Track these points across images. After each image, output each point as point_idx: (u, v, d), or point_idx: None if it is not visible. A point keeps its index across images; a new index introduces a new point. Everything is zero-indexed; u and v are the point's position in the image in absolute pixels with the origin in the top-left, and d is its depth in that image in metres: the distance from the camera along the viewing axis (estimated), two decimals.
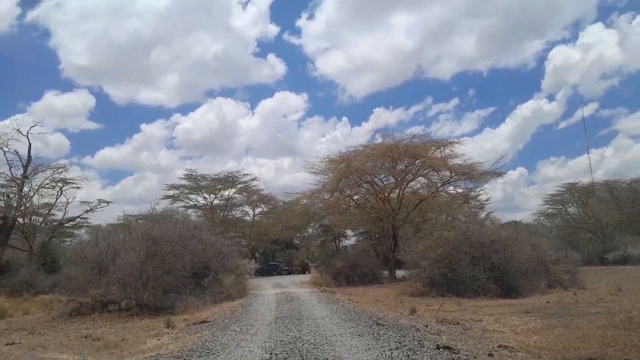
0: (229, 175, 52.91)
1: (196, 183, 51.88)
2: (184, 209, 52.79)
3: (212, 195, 53.10)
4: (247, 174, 54.03)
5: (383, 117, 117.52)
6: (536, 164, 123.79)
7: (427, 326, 11.98)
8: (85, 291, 20.51)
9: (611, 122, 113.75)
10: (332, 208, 39.29)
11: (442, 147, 34.62)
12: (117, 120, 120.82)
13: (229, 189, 53.39)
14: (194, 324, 14.46)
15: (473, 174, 35.38)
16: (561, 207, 64.85)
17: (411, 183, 37.95)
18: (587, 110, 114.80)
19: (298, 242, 68.73)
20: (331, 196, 35.40)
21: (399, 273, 36.24)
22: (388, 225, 36.87)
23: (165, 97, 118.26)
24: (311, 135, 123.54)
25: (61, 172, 33.44)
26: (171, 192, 51.65)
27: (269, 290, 26.05)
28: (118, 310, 20.10)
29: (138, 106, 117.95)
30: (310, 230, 67.20)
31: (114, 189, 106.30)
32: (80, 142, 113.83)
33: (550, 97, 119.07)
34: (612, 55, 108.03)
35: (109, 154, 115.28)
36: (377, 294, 25.30)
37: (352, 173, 34.21)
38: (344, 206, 39.68)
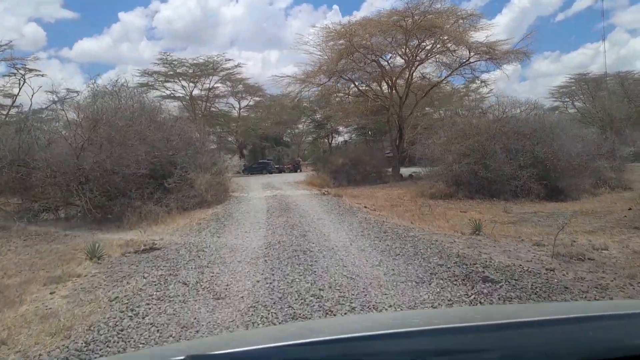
0: (209, 60, 45.12)
1: (172, 69, 44.22)
2: (159, 99, 45.64)
3: (191, 84, 45.68)
4: (229, 59, 46.22)
5: (376, 4, 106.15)
6: (530, 58, 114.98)
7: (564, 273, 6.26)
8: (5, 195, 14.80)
9: (609, 15, 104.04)
10: (329, 96, 32.65)
11: (464, 19, 27.37)
12: (93, 8, 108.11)
13: (210, 77, 45.91)
14: (136, 252, 8.78)
15: (496, 53, 28.62)
16: (568, 100, 58.63)
17: (420, 66, 31.08)
18: (585, 1, 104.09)
19: (288, 139, 62.74)
20: (329, 80, 28.68)
21: (404, 171, 31.16)
22: (394, 116, 30.70)
23: None
24: (299, 25, 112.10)
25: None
26: (144, 80, 44.18)
27: (257, 193, 20.39)
28: (55, 220, 14.50)
29: None
30: (301, 126, 61.02)
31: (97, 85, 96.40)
32: (57, 33, 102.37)
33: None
34: None
35: (87, 46, 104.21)
36: (389, 197, 20.00)
37: (354, 51, 27.20)
38: (341, 94, 33.05)
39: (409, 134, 31.12)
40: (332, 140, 57.90)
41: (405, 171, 31.30)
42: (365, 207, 14.54)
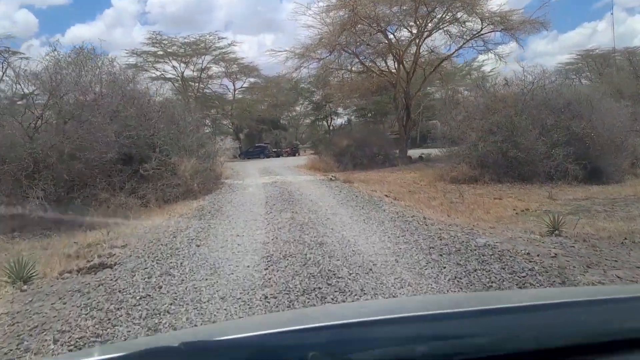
0: (201, 38, 41.67)
1: (162, 49, 40.77)
2: (149, 80, 42.39)
3: (182, 64, 42.30)
4: (222, 38, 42.71)
5: None
6: (527, 38, 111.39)
7: None
8: None
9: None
10: (328, 75, 29.47)
11: None
12: None
13: (203, 57, 42.49)
14: (79, 270, 6.01)
15: (511, 24, 25.56)
16: (574, 77, 55.41)
17: (427, 39, 27.87)
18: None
19: (285, 122, 59.50)
20: (330, 54, 25.55)
21: (411, 153, 28.47)
22: (400, 93, 27.72)
23: None
24: (295, 7, 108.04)
25: None
26: (133, 60, 40.79)
27: (254, 179, 17.51)
28: (4, 218, 11.68)
29: None
30: (298, 108, 57.74)
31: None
32: (49, 19, 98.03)
33: None
34: None
35: (80, 32, 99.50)
36: (403, 182, 17.36)
37: (358, 22, 24.08)
38: (342, 71, 29.86)
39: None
40: (331, 122, 54.78)
41: (412, 153, 28.56)
42: (387, 195, 11.73)
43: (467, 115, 18.15)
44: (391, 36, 26.82)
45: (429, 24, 25.50)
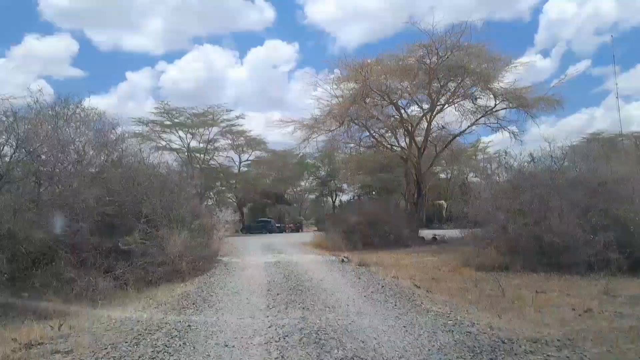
0: (209, 110, 41.07)
1: (170, 119, 40.08)
2: (154, 149, 41.33)
3: (189, 135, 41.43)
4: (230, 110, 42.19)
5: None
6: (525, 123, 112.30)
7: None
8: None
9: (603, 80, 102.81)
10: (334, 151, 28.11)
11: (493, 62, 23.25)
12: (101, 67, 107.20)
13: (210, 128, 41.73)
14: None
15: (527, 101, 24.40)
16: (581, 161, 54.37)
17: (438, 116, 26.72)
18: (580, 67, 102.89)
19: (289, 197, 57.92)
20: (340, 125, 24.22)
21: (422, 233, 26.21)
22: (411, 169, 26.14)
23: (150, 44, 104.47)
24: (302, 87, 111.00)
25: None
26: (139, 129, 39.99)
27: (255, 258, 15.29)
28: None
29: (122, 53, 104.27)
30: (303, 183, 56.50)
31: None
32: (65, 90, 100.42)
33: (544, 53, 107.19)
34: (608, 9, 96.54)
35: (94, 104, 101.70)
36: (423, 266, 15.17)
37: (368, 95, 23.02)
38: (351, 145, 28.51)
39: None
40: (335, 198, 53.20)
41: (423, 233, 26.38)
42: (417, 285, 9.53)
43: (493, 193, 16.30)
44: (402, 110, 25.80)
45: (442, 99, 24.46)
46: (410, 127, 24.86)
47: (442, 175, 51.62)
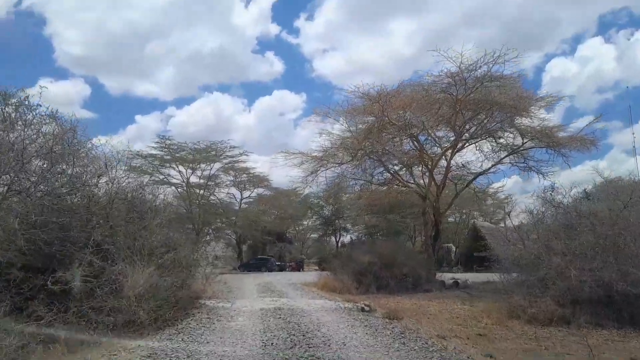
0: (212, 145, 38.32)
1: (170, 153, 37.21)
2: (152, 183, 38.24)
3: (189, 170, 38.37)
4: (234, 147, 39.36)
5: None
6: (530, 173, 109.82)
7: None
8: None
9: (607, 135, 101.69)
10: (346, 181, 24.83)
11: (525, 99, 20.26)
12: (111, 110, 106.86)
13: (212, 164, 38.77)
14: None
15: (558, 140, 21.42)
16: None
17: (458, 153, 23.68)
18: (583, 121, 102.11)
19: (291, 236, 54.34)
20: (352, 159, 21.18)
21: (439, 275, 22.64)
22: (430, 208, 22.87)
23: (160, 91, 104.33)
24: (307, 134, 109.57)
25: None
26: (138, 163, 37.06)
27: (249, 302, 11.80)
28: None
29: (133, 98, 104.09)
30: (306, 222, 53.05)
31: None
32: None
33: (548, 109, 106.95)
34: (609, 69, 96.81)
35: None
36: (457, 317, 11.84)
37: (385, 126, 20.09)
38: (362, 182, 25.32)
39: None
40: (339, 238, 49.61)
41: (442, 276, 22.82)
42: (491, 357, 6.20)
43: (540, 235, 13.09)
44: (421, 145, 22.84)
45: (466, 134, 21.50)
46: (430, 163, 21.76)
47: (450, 219, 48.38)
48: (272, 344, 6.27)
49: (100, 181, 8.61)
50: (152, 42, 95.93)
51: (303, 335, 6.68)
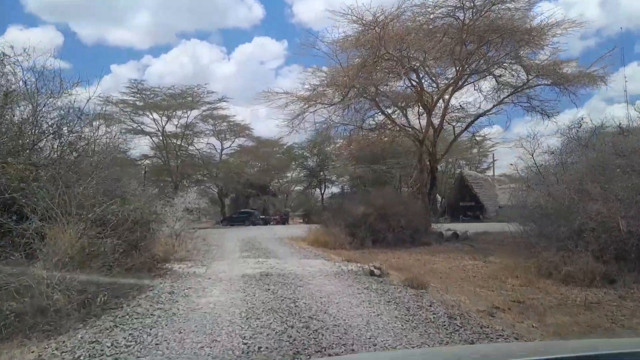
0: (188, 90, 34.81)
1: (143, 99, 33.71)
2: (124, 132, 34.92)
3: (164, 117, 35.03)
4: (212, 92, 35.94)
5: None
6: (512, 122, 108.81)
7: None
8: None
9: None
10: (333, 126, 22.07)
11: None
12: (85, 59, 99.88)
13: (189, 111, 35.44)
14: None
15: (566, 76, 19.14)
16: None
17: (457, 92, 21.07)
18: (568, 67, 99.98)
19: (275, 188, 51.93)
20: (344, 97, 18.47)
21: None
22: (426, 154, 20.61)
23: (135, 38, 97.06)
24: (289, 84, 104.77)
25: None
26: (108, 109, 33.49)
27: (228, 265, 9.39)
28: None
29: (107, 47, 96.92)
30: (290, 174, 50.58)
31: None
32: (47, 80, 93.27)
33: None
34: (593, 15, 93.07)
35: (77, 95, 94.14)
36: (473, 275, 9.94)
37: (381, 58, 17.33)
38: (351, 128, 22.63)
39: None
40: (324, 190, 47.55)
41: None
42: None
43: (574, 176, 10.90)
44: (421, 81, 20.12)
45: (467, 69, 18.86)
46: (430, 103, 19.17)
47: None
48: (260, 331, 3.94)
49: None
50: None
51: (306, 326, 4.34)
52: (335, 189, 48.14)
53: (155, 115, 34.56)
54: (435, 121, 20.41)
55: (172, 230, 9.05)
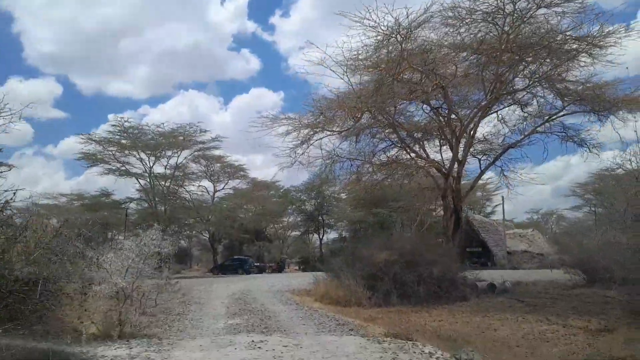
0: (178, 129, 31.39)
1: (129, 138, 30.21)
2: (106, 172, 31.20)
3: (151, 157, 31.35)
4: (205, 130, 32.54)
5: None
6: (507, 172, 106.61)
7: None
8: None
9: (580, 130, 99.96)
10: (336, 161, 18.52)
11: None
12: (83, 109, 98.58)
13: (179, 150, 31.86)
14: None
15: (607, 101, 16.04)
16: (593, 197, 45.09)
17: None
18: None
19: (270, 234, 47.81)
20: (358, 121, 15.06)
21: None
22: (449, 192, 17.11)
23: (134, 89, 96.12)
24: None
25: None
26: (91, 148, 30.02)
27: (200, 353, 5.68)
28: None
29: (106, 97, 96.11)
30: (286, 219, 46.59)
31: (77, 180, 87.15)
32: (45, 131, 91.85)
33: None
34: None
35: (72, 144, 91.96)
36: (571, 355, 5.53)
37: (406, 68, 14.02)
38: (358, 163, 19.17)
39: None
40: (323, 236, 43.47)
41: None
42: None
43: None
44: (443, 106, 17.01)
45: (504, 89, 15.70)
46: (459, 129, 15.86)
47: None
48: None
49: None
50: (125, 39, 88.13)
51: None
52: (334, 234, 44.30)
53: (143, 155, 31.03)
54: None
55: (115, 289, 5.46)
